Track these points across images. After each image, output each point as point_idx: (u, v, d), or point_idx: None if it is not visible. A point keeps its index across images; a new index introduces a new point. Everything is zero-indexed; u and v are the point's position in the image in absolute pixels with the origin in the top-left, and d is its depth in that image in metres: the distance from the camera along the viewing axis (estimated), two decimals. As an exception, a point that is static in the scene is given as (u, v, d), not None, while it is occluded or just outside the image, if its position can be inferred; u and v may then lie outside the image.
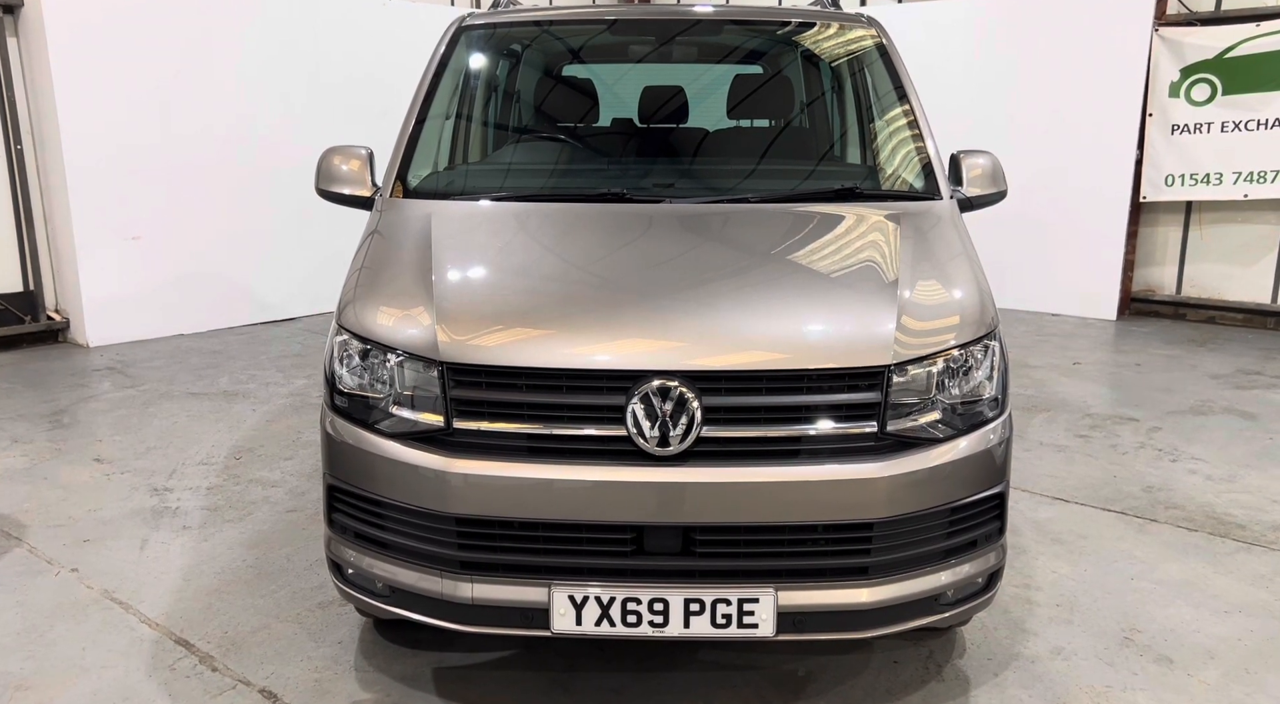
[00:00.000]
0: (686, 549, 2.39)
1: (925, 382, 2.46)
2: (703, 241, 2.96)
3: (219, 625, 3.23)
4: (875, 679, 2.90)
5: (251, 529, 4.00)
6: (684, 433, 2.33)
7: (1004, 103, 8.43)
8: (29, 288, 7.29)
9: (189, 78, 7.45)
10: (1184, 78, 7.81)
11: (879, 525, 2.38)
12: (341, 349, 2.63)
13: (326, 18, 8.22)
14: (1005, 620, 3.24)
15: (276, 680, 2.91)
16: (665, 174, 3.62)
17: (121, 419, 5.48)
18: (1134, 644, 3.11)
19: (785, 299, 2.60)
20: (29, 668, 3.00)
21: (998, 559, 2.63)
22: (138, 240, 7.35)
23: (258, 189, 7.94)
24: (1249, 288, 7.99)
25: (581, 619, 2.38)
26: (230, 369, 6.60)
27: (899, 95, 3.54)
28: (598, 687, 2.86)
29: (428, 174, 3.50)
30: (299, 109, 8.11)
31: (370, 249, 2.95)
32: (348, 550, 2.62)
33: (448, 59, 3.68)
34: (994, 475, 2.55)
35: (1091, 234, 8.25)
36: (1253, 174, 7.63)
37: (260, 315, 8.13)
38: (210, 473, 4.64)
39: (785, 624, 2.39)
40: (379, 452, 2.48)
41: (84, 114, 6.94)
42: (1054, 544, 3.86)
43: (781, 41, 4.18)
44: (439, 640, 3.08)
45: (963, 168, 3.35)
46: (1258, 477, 4.61)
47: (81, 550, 3.82)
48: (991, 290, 2.78)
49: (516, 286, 2.74)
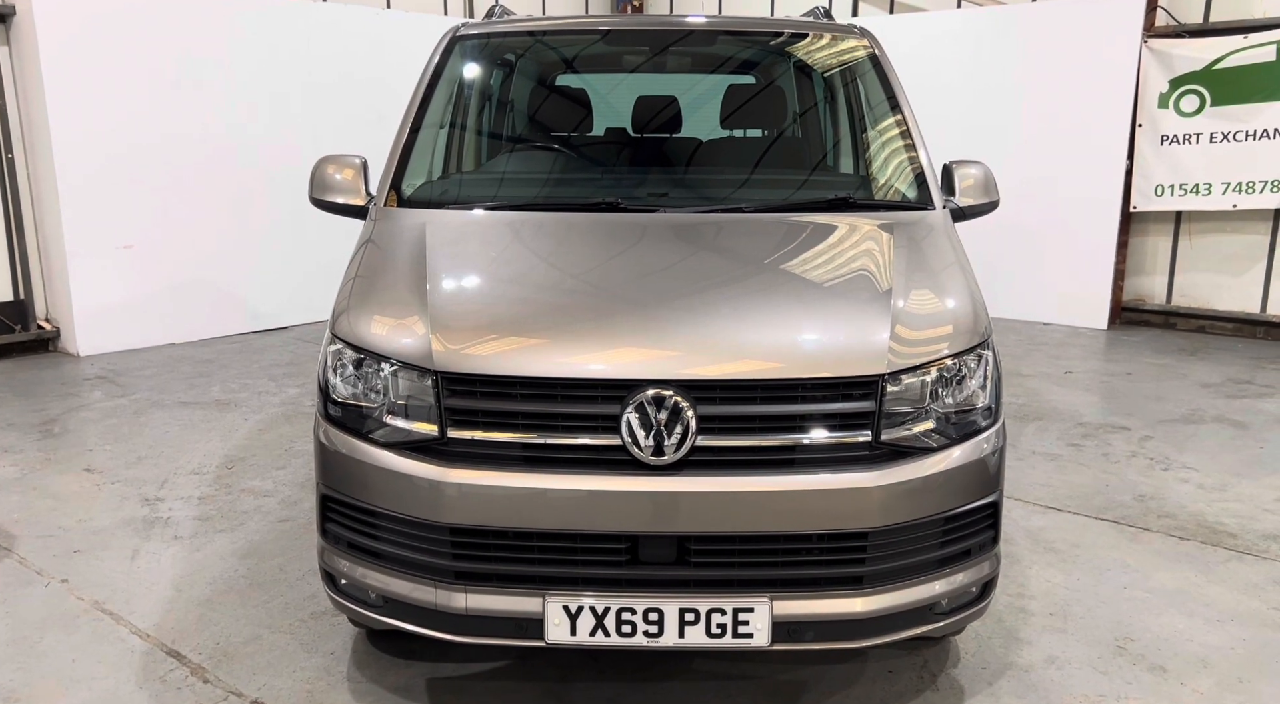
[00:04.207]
0: (681, 559, 2.38)
1: (919, 391, 2.47)
2: (697, 251, 2.97)
3: (211, 636, 3.21)
4: (870, 689, 2.90)
5: (243, 539, 3.98)
6: (679, 442, 2.33)
7: (995, 113, 8.47)
8: (19, 297, 7.26)
9: (181, 86, 7.43)
10: (1173, 89, 7.86)
11: (873, 535, 2.38)
12: (335, 358, 2.62)
13: (319, 27, 8.22)
14: (999, 629, 3.25)
15: (268, 692, 2.89)
16: (659, 183, 3.63)
17: (112, 428, 5.45)
18: (1127, 653, 3.12)
19: (780, 308, 2.60)
20: (18, 679, 2.98)
21: (992, 568, 2.63)
22: (129, 249, 7.32)
23: (250, 197, 7.93)
24: (1239, 297, 8.03)
25: (576, 629, 2.37)
26: (222, 378, 6.57)
27: (891, 105, 3.56)
28: (592, 697, 2.85)
29: (422, 183, 3.50)
30: (292, 118, 8.10)
31: (364, 258, 2.95)
32: (341, 560, 2.61)
33: (442, 68, 3.68)
34: (988, 484, 2.56)
35: (1082, 243, 8.29)
36: (1241, 184, 7.68)
37: (252, 324, 8.10)
38: (202, 482, 4.62)
39: (780, 634, 2.38)
40: (373, 461, 2.47)
41: (75, 122, 6.92)
42: (1047, 553, 3.86)
43: (774, 52, 4.20)
44: (433, 651, 3.06)
45: (955, 178, 3.37)
46: (1249, 485, 4.63)
47: (72, 561, 3.79)
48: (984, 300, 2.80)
49: (511, 296, 2.74)
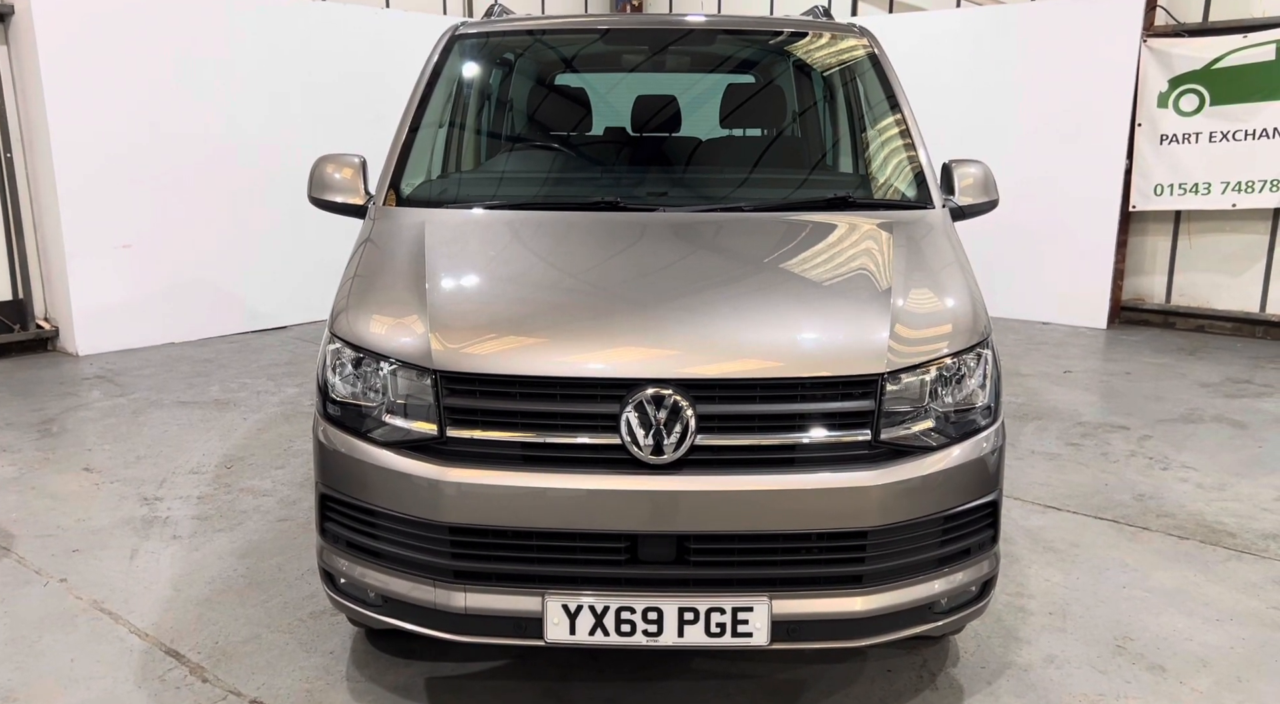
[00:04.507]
0: (681, 558, 2.38)
1: (918, 390, 2.47)
2: (696, 250, 2.96)
3: (209, 636, 3.21)
4: (869, 688, 2.90)
5: (242, 538, 3.97)
6: (678, 441, 2.33)
7: (994, 113, 8.47)
8: (18, 296, 7.25)
9: (180, 85, 7.43)
10: (1172, 88, 7.87)
11: (873, 533, 2.38)
12: (334, 357, 2.62)
13: (318, 26, 8.21)
14: (998, 628, 3.25)
15: (267, 691, 2.89)
16: (658, 183, 3.63)
17: (111, 428, 5.45)
18: (1126, 652, 3.12)
19: (779, 308, 2.60)
20: (17, 679, 2.97)
21: (991, 567, 2.63)
22: (128, 248, 7.31)
23: (249, 197, 7.92)
24: (1238, 297, 8.03)
25: (575, 628, 2.37)
26: (221, 378, 6.57)
27: (891, 104, 3.56)
28: (591, 697, 2.85)
29: (421, 182, 3.49)
30: (290, 117, 8.09)
31: (363, 257, 2.95)
32: (340, 560, 2.61)
33: (441, 67, 3.68)
34: (987, 483, 2.56)
35: (1081, 243, 8.29)
36: (1241, 184, 7.69)
37: (251, 324, 8.10)
38: (201, 482, 4.61)
39: (779, 633, 2.38)
40: (372, 460, 2.47)
41: (74, 121, 6.91)
42: (1046, 552, 3.86)
43: (774, 51, 4.20)
44: (432, 650, 3.06)
45: (954, 177, 3.37)
46: (1248, 485, 4.63)
47: (70, 560, 3.79)
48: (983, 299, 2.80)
49: (510, 295, 2.73)
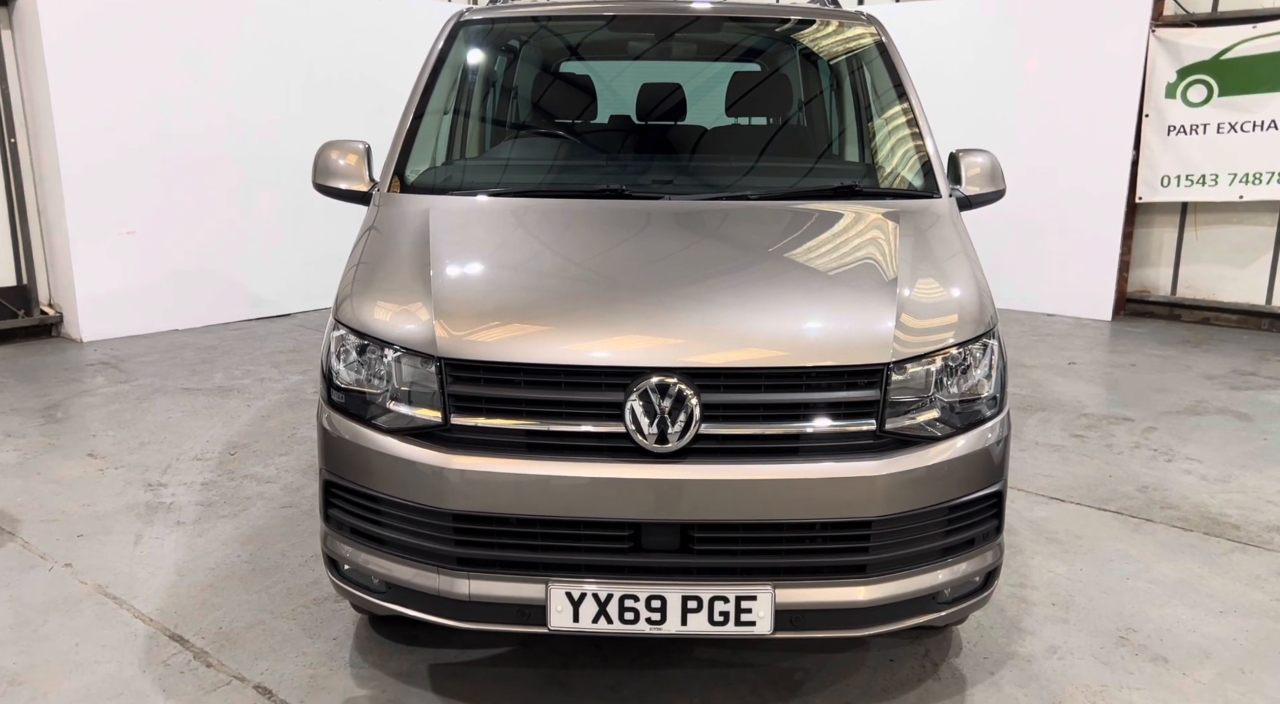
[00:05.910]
0: (684, 546, 2.38)
1: (924, 380, 2.46)
2: (701, 238, 2.95)
3: (213, 621, 3.22)
4: (871, 678, 2.90)
5: (246, 524, 3.98)
6: (682, 430, 2.32)
7: (1001, 103, 8.43)
8: (22, 282, 7.25)
9: (185, 72, 7.42)
10: (1180, 79, 7.82)
11: (877, 523, 2.38)
12: (339, 344, 2.61)
13: (322, 13, 8.19)
14: (1001, 619, 3.24)
15: (271, 676, 2.90)
16: (664, 171, 3.61)
17: (115, 414, 5.46)
18: (1130, 644, 3.12)
19: (784, 296, 2.59)
20: (21, 663, 2.98)
21: (995, 558, 2.63)
22: (132, 235, 7.31)
23: (253, 184, 7.91)
24: (1244, 289, 8.00)
25: (579, 616, 2.37)
26: (225, 364, 6.58)
27: (898, 93, 3.54)
28: (594, 684, 2.85)
29: (425, 169, 3.48)
30: (295, 104, 8.09)
31: (367, 244, 2.94)
32: (344, 546, 2.61)
33: (445, 54, 3.66)
34: (992, 474, 2.55)
35: (1087, 234, 8.26)
36: (1248, 175, 7.64)
37: (255, 311, 8.10)
38: (205, 468, 4.62)
39: (783, 622, 2.38)
40: (376, 447, 2.47)
41: (79, 108, 6.90)
42: (1050, 543, 3.86)
43: (780, 39, 4.17)
44: (435, 637, 3.07)
45: (961, 166, 3.35)
46: (1252, 477, 4.62)
47: (75, 545, 3.80)
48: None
49: (514, 282, 2.73)
